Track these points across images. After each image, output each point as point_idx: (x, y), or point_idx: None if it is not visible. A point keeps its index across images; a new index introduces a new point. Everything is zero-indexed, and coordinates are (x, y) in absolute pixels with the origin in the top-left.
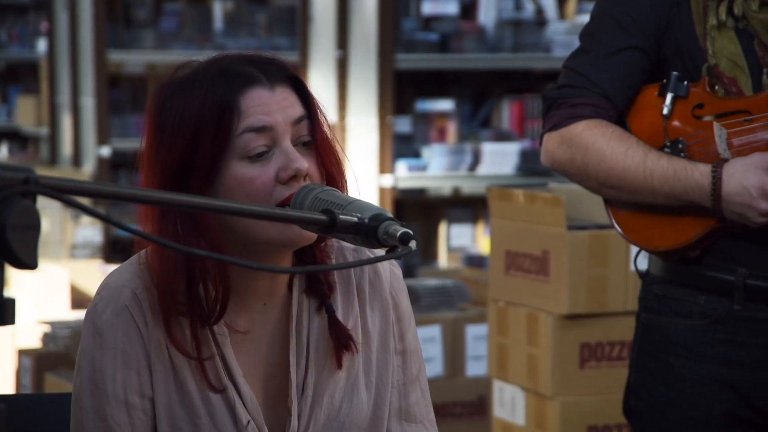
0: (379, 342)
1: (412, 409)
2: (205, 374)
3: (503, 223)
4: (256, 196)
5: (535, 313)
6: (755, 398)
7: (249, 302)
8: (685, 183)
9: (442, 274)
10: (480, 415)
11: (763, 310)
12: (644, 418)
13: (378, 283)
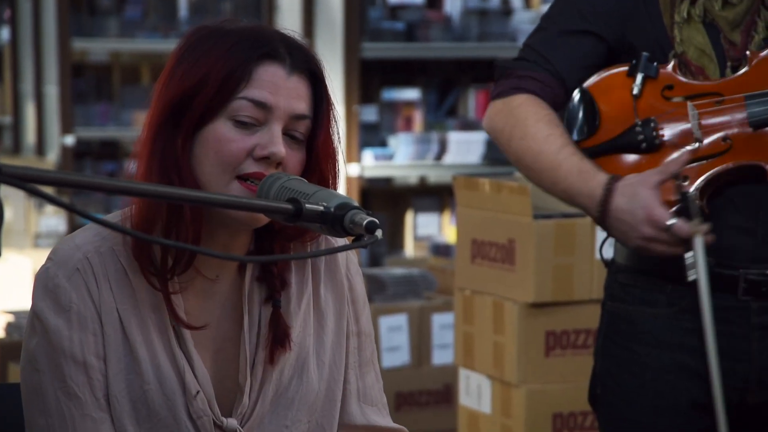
0: (334, 323)
1: (369, 391)
2: (171, 309)
3: (469, 212)
4: (225, 159)
5: (500, 301)
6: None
7: (203, 269)
8: (582, 186)
9: (408, 263)
10: (446, 404)
11: (728, 298)
12: (610, 406)
13: (334, 265)
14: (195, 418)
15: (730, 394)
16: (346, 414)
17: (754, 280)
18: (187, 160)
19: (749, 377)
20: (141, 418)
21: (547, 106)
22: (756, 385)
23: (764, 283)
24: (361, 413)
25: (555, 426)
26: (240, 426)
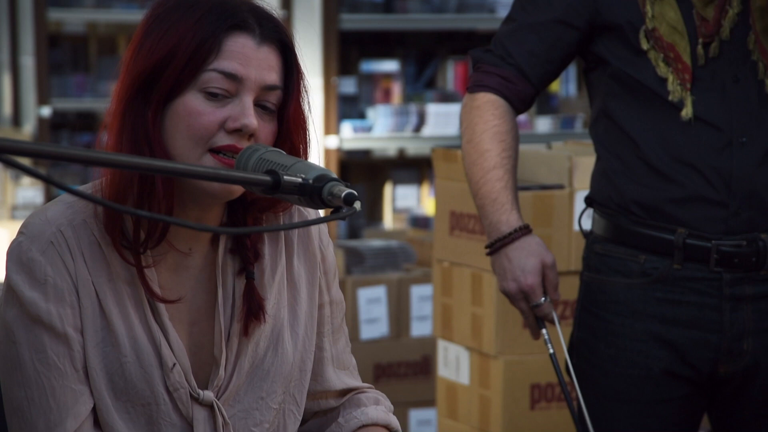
0: (307, 294)
1: (341, 356)
2: (145, 283)
3: (448, 184)
4: (197, 132)
5: (479, 273)
6: (692, 356)
7: (176, 242)
8: (492, 214)
9: (386, 235)
10: (424, 375)
11: (701, 269)
12: (586, 375)
13: (307, 237)
14: (172, 390)
15: (702, 365)
16: (324, 380)
17: (726, 252)
18: (159, 133)
19: (720, 347)
20: (118, 391)
21: (504, 110)
22: (727, 355)
23: (736, 255)
24: (337, 378)
25: (533, 397)
26: (216, 398)
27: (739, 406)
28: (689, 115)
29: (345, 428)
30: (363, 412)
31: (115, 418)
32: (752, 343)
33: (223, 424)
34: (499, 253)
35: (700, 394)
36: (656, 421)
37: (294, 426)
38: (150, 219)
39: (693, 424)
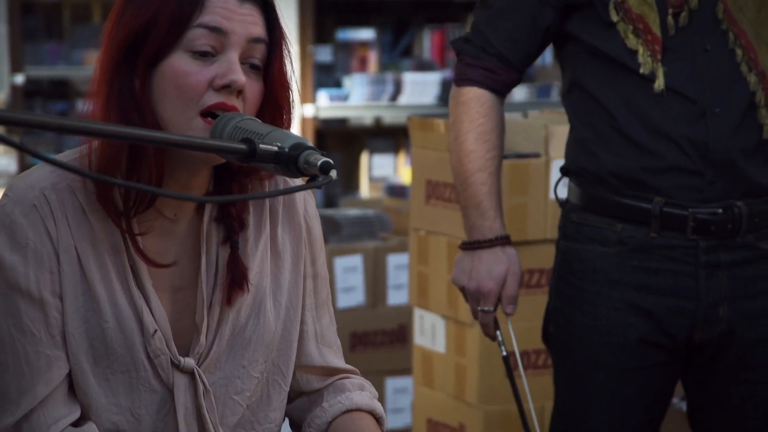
0: (291, 265)
1: (325, 333)
2: (137, 248)
3: (424, 153)
4: (186, 92)
5: (455, 242)
6: (668, 324)
7: (163, 208)
8: (474, 217)
9: (363, 203)
10: (401, 343)
11: (677, 237)
12: (562, 343)
13: (292, 207)
14: (152, 357)
15: (678, 332)
16: (305, 355)
17: (703, 220)
18: (148, 99)
19: (696, 315)
20: (98, 356)
21: (490, 105)
22: (703, 322)
23: (712, 222)
24: (319, 354)
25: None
26: (197, 365)
27: (714, 372)
28: (661, 86)
29: (329, 413)
30: (347, 398)
31: (92, 385)
32: (728, 310)
33: (204, 391)
34: (473, 252)
35: (675, 361)
36: (631, 389)
37: (279, 397)
38: (134, 189)
39: (667, 391)
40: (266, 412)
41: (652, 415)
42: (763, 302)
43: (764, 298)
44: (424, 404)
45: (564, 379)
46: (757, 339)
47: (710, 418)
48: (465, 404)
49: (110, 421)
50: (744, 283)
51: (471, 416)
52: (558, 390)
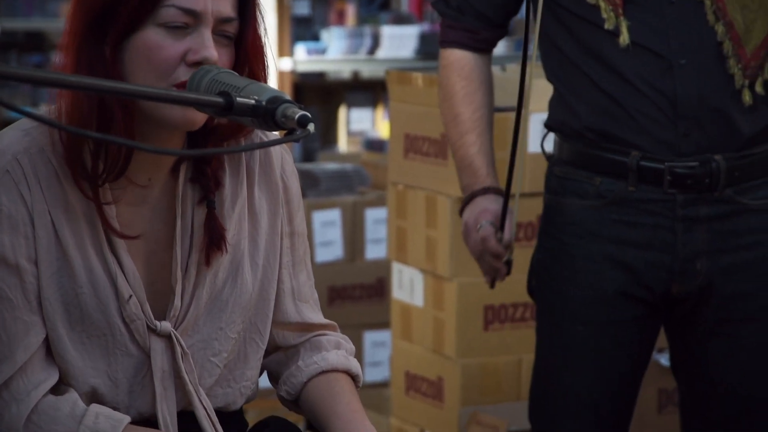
0: (268, 224)
1: (302, 289)
2: (104, 219)
3: (402, 107)
4: (158, 66)
5: (433, 195)
6: (646, 277)
7: (134, 174)
8: (467, 177)
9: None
10: (379, 297)
11: (654, 191)
12: (544, 296)
13: (268, 165)
14: (128, 321)
15: (656, 285)
16: (282, 312)
17: (680, 173)
18: (119, 72)
19: (673, 268)
20: (74, 321)
21: (472, 67)
22: (680, 276)
23: (689, 176)
24: (296, 310)
25: (486, 318)
26: (174, 328)
27: (693, 325)
28: (626, 41)
29: (305, 373)
30: (323, 357)
31: (68, 349)
32: (705, 264)
33: (182, 354)
34: (469, 204)
35: (654, 315)
36: (610, 342)
37: (256, 355)
38: (112, 143)
39: (647, 344)
40: (243, 370)
41: (632, 367)
42: (741, 256)
43: (743, 253)
44: (402, 358)
45: (545, 331)
46: (735, 293)
47: (691, 372)
48: (443, 358)
49: (88, 384)
50: (723, 238)
51: (449, 369)
52: (539, 342)
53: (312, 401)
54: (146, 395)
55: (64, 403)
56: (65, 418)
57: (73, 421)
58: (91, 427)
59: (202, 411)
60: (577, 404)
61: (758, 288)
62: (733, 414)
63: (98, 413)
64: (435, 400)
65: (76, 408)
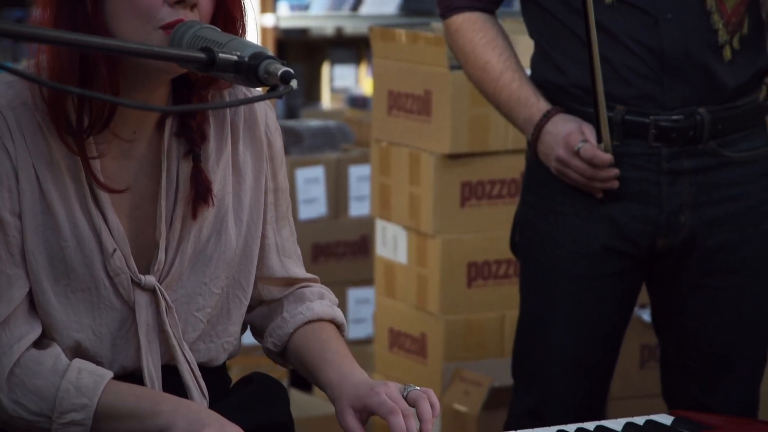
0: (252, 180)
1: (285, 244)
2: (90, 172)
3: (386, 63)
4: (140, 9)
5: (417, 152)
6: (631, 231)
7: (119, 128)
8: (521, 111)
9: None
10: (363, 254)
11: (639, 145)
12: (528, 252)
13: (253, 122)
14: (112, 275)
15: (641, 239)
16: (267, 267)
17: (664, 127)
18: (101, 21)
19: (659, 222)
20: (58, 275)
21: (483, 22)
22: (665, 229)
23: (674, 129)
24: (281, 265)
25: (469, 275)
26: (158, 282)
27: (676, 278)
28: None
29: (291, 324)
30: (308, 308)
31: (52, 303)
32: (690, 216)
33: (167, 308)
34: (539, 138)
35: (638, 269)
36: (594, 296)
37: (239, 311)
38: (96, 99)
39: (630, 299)
40: (226, 325)
41: (615, 322)
42: (725, 209)
43: (726, 205)
44: (385, 314)
45: (529, 287)
46: (718, 245)
47: (673, 326)
48: (426, 314)
49: (71, 338)
50: (706, 190)
51: (432, 326)
52: (523, 298)
53: (300, 351)
54: (130, 349)
55: (47, 358)
56: (48, 372)
57: (55, 376)
58: (74, 382)
59: (185, 365)
60: (560, 359)
61: (740, 240)
62: (713, 366)
63: (81, 368)
64: (418, 356)
65: (58, 362)
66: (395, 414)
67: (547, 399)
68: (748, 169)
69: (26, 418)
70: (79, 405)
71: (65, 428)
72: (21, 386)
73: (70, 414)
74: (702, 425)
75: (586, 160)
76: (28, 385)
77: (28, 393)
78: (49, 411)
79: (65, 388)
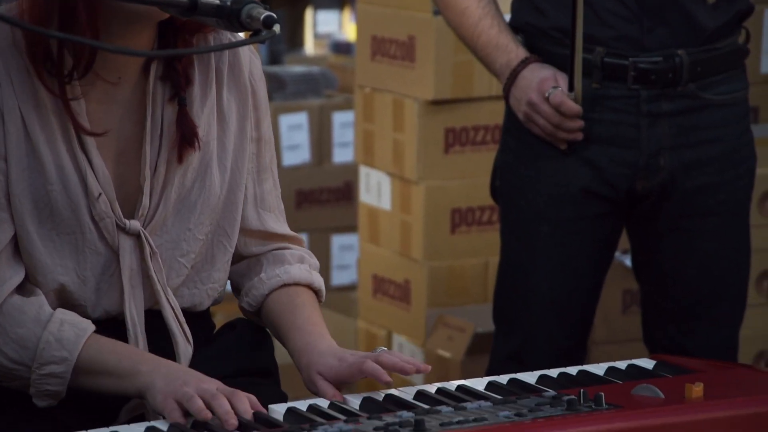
0: (237, 127)
1: (266, 197)
2: (71, 115)
3: (369, 9)
4: None
5: (401, 99)
6: (610, 174)
7: (104, 73)
8: (498, 57)
9: (308, 60)
10: (347, 201)
11: (619, 87)
12: (508, 197)
13: (237, 68)
14: (97, 219)
15: (620, 182)
16: (243, 219)
17: (643, 69)
18: None
19: (638, 164)
20: (43, 218)
21: None
22: (644, 171)
23: (653, 71)
24: (257, 218)
25: (453, 221)
26: (143, 228)
27: (655, 221)
28: None
29: (266, 285)
30: (285, 271)
31: (37, 246)
32: (668, 159)
33: (151, 253)
34: (514, 83)
35: (618, 212)
36: (575, 240)
37: (223, 257)
38: (77, 43)
39: (610, 242)
40: (210, 272)
41: (596, 266)
42: (704, 151)
43: (705, 148)
44: (369, 261)
45: (509, 232)
46: (696, 187)
47: (651, 267)
48: (410, 261)
49: (56, 281)
50: (685, 133)
51: (416, 272)
52: (504, 244)
53: (272, 314)
54: (113, 293)
55: (30, 306)
56: (30, 321)
57: (37, 326)
58: (55, 334)
59: (169, 310)
60: (540, 303)
61: (718, 182)
62: (691, 309)
63: (63, 320)
64: (402, 302)
65: (41, 312)
66: (367, 362)
67: (527, 343)
68: (727, 112)
69: (6, 365)
70: (59, 358)
71: (44, 379)
72: (3, 334)
73: (49, 366)
74: (683, 369)
75: (554, 105)
76: (10, 333)
77: (9, 341)
78: (29, 361)
79: (46, 340)
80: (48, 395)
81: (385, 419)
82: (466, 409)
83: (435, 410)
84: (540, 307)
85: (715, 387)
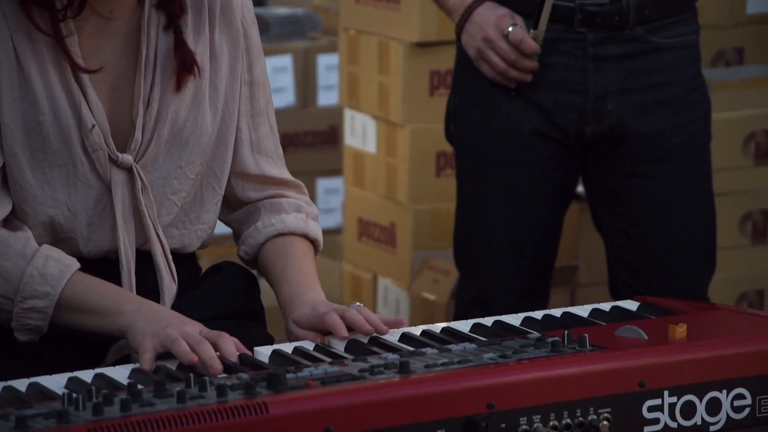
0: (228, 68)
1: (263, 142)
2: (66, 52)
3: None
4: None
5: (386, 41)
6: (558, 117)
7: (98, 7)
8: None
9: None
10: (331, 144)
11: (565, 30)
12: (461, 140)
13: (229, 9)
14: (90, 151)
15: (568, 126)
16: (239, 162)
17: (589, 11)
18: None
19: (585, 108)
20: (34, 149)
21: None
22: (591, 115)
23: (599, 14)
24: (254, 162)
25: (438, 164)
26: (135, 162)
27: (612, 167)
28: None
29: (262, 234)
30: (281, 220)
31: (28, 177)
32: (616, 103)
33: (142, 188)
34: (468, 21)
35: (569, 155)
36: (528, 182)
37: (212, 199)
38: None
39: (566, 185)
40: (199, 213)
41: (552, 207)
42: (653, 95)
43: (655, 92)
44: (354, 204)
45: (464, 176)
46: (649, 132)
47: (610, 217)
48: (395, 203)
49: (45, 213)
50: (633, 76)
51: (401, 215)
52: (460, 187)
53: (266, 263)
54: (105, 228)
55: (16, 241)
56: (15, 255)
57: (22, 260)
58: (39, 269)
59: (158, 247)
60: (499, 246)
61: (670, 127)
62: (654, 260)
63: (48, 256)
64: (387, 245)
65: (27, 247)
66: (330, 314)
67: (489, 287)
68: (678, 55)
69: None
70: (42, 293)
71: (26, 313)
72: None
73: (32, 300)
74: (666, 310)
75: (514, 42)
76: None
77: None
78: (12, 294)
79: (30, 274)
80: (29, 329)
81: (370, 361)
82: (450, 351)
83: (420, 352)
84: (498, 250)
85: (698, 328)
